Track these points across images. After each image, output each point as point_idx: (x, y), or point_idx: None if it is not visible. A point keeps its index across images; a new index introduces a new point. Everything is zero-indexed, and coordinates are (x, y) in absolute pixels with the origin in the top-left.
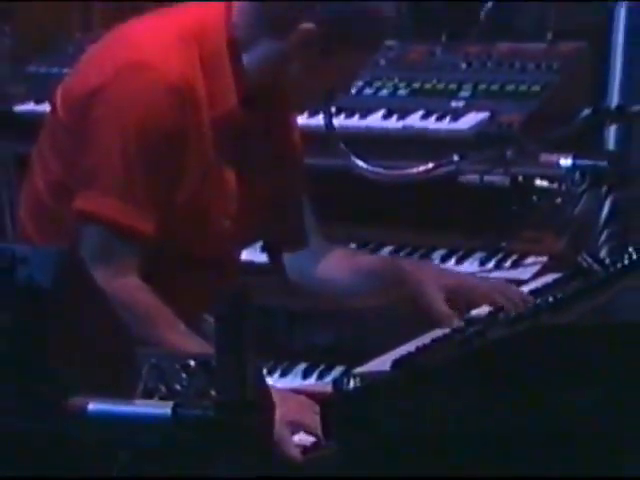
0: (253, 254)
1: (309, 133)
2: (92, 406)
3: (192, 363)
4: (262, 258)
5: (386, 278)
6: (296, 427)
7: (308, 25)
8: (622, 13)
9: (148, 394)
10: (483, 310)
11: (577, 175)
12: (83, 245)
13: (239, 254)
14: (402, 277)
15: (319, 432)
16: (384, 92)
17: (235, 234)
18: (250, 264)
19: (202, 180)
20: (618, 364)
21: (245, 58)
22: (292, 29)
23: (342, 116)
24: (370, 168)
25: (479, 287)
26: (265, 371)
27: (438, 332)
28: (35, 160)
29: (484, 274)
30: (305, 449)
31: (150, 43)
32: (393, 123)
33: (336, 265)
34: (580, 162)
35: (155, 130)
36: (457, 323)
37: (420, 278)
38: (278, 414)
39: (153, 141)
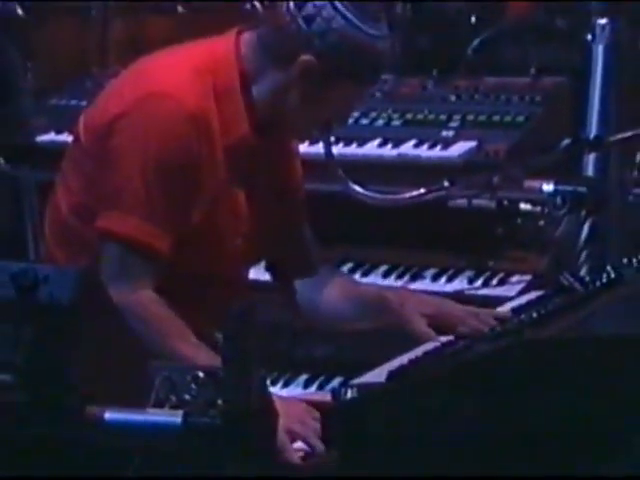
0: (258, 273)
1: (309, 161)
2: (108, 415)
3: (201, 375)
4: (266, 276)
5: (373, 306)
6: (296, 434)
7: (307, 57)
8: (600, 51)
9: (160, 404)
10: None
11: (558, 200)
12: (103, 261)
13: (247, 271)
14: (387, 306)
15: (317, 439)
16: (379, 122)
17: (247, 253)
18: (255, 282)
19: (215, 202)
20: (596, 375)
21: (254, 89)
22: (293, 61)
23: (340, 145)
24: (366, 193)
25: (455, 312)
26: (269, 381)
27: (429, 346)
28: (58, 184)
29: (472, 292)
30: (305, 455)
31: (167, 76)
32: (388, 151)
33: (337, 294)
34: (561, 188)
35: (173, 156)
36: (436, 341)
37: (402, 307)
38: (280, 421)
39: (171, 166)
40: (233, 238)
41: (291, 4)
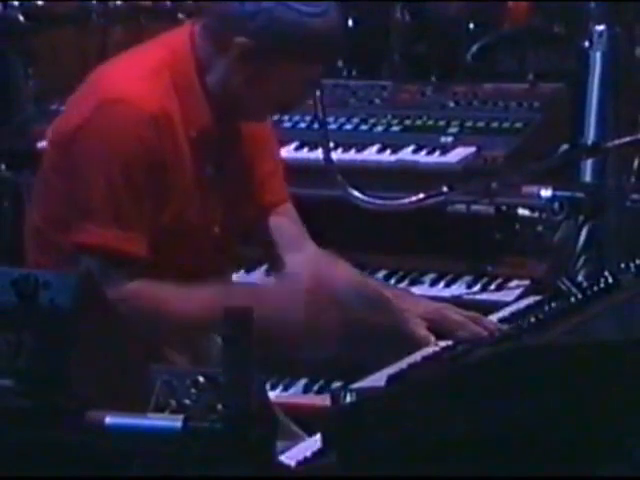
0: (258, 277)
1: (309, 166)
2: (109, 419)
3: (201, 379)
4: (267, 281)
5: (369, 299)
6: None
7: (241, 39)
8: (598, 57)
9: (160, 408)
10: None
11: (556, 205)
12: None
13: (230, 259)
14: (385, 304)
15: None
16: (378, 128)
17: (226, 240)
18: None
19: (187, 196)
20: (595, 380)
21: (208, 78)
22: (230, 44)
23: (339, 150)
24: (365, 198)
25: (455, 317)
26: (268, 386)
27: (428, 350)
28: (33, 195)
29: (471, 297)
30: (305, 459)
31: (122, 80)
32: (387, 157)
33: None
34: (559, 193)
35: (136, 160)
36: (435, 346)
37: (401, 307)
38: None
39: (136, 170)
40: (209, 228)
41: None
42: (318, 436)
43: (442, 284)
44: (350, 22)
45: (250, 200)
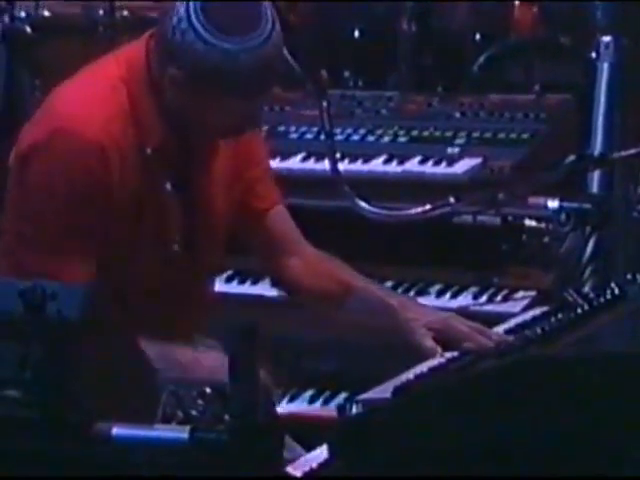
0: (263, 289)
1: (316, 177)
2: (116, 431)
3: (208, 390)
4: (272, 292)
5: (373, 307)
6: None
7: (172, 70)
8: (604, 68)
9: (167, 419)
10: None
11: (563, 216)
12: None
13: (206, 282)
14: (390, 312)
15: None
16: (385, 139)
17: (192, 258)
18: (260, 298)
19: (139, 216)
20: (601, 392)
21: (161, 95)
22: (165, 71)
23: (346, 161)
24: (372, 209)
25: (461, 327)
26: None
27: (434, 361)
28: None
29: (477, 307)
30: (311, 470)
31: (75, 104)
32: (393, 168)
33: (331, 277)
34: (566, 204)
35: (82, 189)
36: (441, 357)
37: (408, 316)
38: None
39: (81, 199)
40: (167, 245)
41: (169, 10)
42: (324, 447)
43: (448, 295)
44: (357, 33)
45: (223, 214)
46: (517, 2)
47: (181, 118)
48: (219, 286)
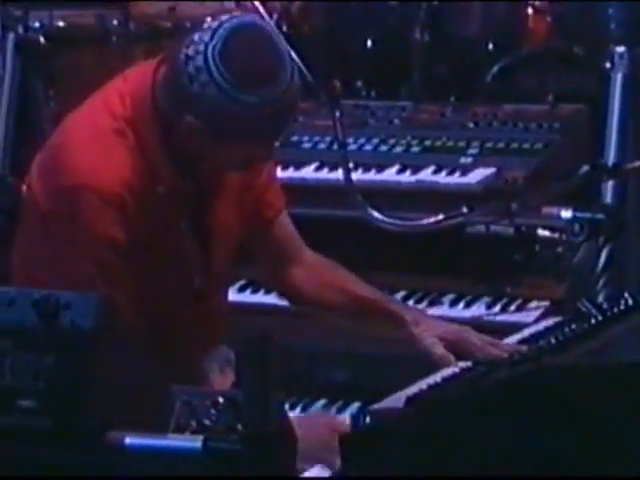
0: (276, 298)
1: (329, 187)
2: (129, 440)
3: (221, 400)
4: (285, 302)
5: (375, 315)
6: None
7: (189, 118)
8: (618, 78)
9: (180, 429)
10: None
11: (576, 226)
12: None
13: (225, 294)
14: (397, 322)
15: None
16: (398, 149)
17: (211, 282)
18: (273, 307)
19: (162, 254)
20: (614, 402)
21: (170, 135)
22: (180, 117)
23: (359, 171)
24: (385, 219)
25: (474, 339)
26: (287, 406)
27: (448, 371)
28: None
29: (490, 318)
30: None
31: (86, 157)
32: (406, 177)
33: (329, 282)
34: (579, 214)
35: (106, 247)
36: (454, 366)
37: (419, 329)
38: (313, 439)
39: (106, 256)
40: (190, 280)
41: (182, 53)
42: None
43: (461, 305)
44: (370, 43)
45: (237, 233)
46: (531, 12)
47: (191, 158)
48: (232, 296)
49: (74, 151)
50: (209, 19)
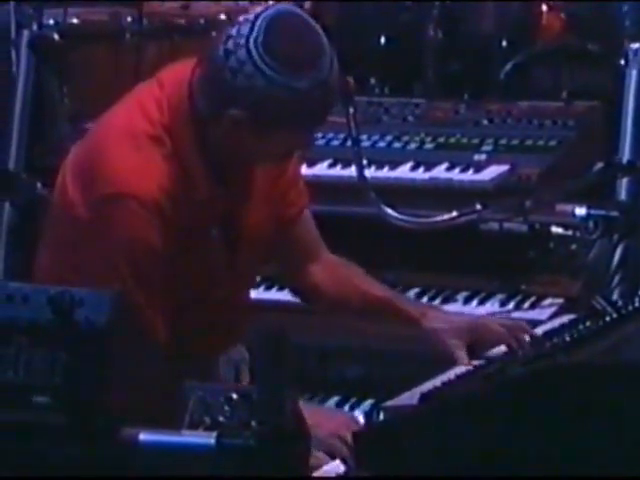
0: (289, 295)
1: (342, 184)
2: (143, 436)
3: (235, 396)
4: (294, 298)
5: (390, 314)
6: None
7: (235, 111)
8: (633, 75)
9: (194, 425)
10: (499, 350)
11: (591, 224)
12: None
13: (248, 292)
14: (412, 321)
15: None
16: (412, 146)
17: (237, 286)
18: (287, 304)
19: (193, 262)
20: (629, 400)
21: (206, 137)
22: (224, 112)
23: (373, 168)
24: (399, 216)
25: (493, 329)
26: (301, 403)
27: (462, 368)
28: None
29: (504, 315)
30: (338, 476)
31: (122, 163)
32: (420, 174)
33: (345, 280)
34: (594, 212)
35: (143, 252)
36: (470, 364)
37: (433, 326)
38: (327, 429)
39: (143, 261)
40: (213, 283)
41: (221, 49)
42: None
43: (475, 302)
44: (383, 40)
45: (266, 234)
46: (545, 9)
47: (226, 164)
48: None
49: (112, 157)
50: (222, 16)
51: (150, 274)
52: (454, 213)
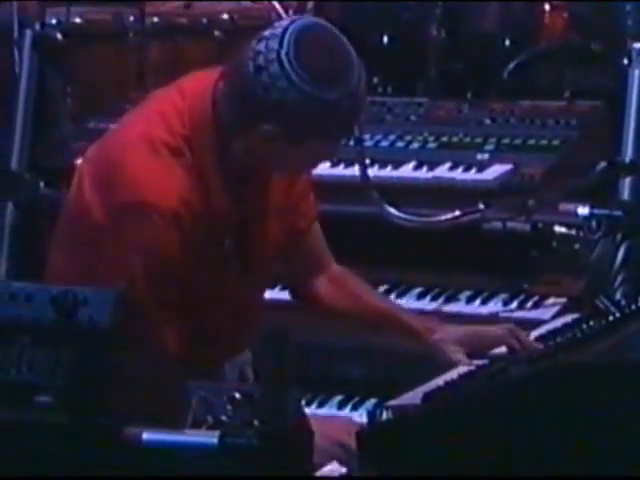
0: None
1: (345, 183)
2: (146, 435)
3: (237, 395)
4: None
5: (392, 327)
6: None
7: (267, 126)
8: (636, 74)
9: (197, 424)
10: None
11: (594, 223)
12: None
13: (258, 303)
14: (414, 334)
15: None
16: (415, 145)
17: (249, 293)
18: (290, 303)
19: (200, 270)
20: (632, 400)
21: (228, 150)
22: (255, 126)
23: (376, 167)
24: (401, 215)
25: (490, 333)
26: (304, 402)
27: (464, 368)
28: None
29: (507, 314)
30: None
31: (143, 171)
32: (423, 174)
33: (346, 290)
34: (596, 211)
35: (160, 264)
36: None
37: (435, 337)
38: (327, 437)
39: (159, 272)
40: (228, 298)
41: (250, 65)
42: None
43: (478, 301)
44: (386, 39)
45: (278, 246)
46: (547, 8)
47: (248, 168)
48: None
49: (133, 165)
50: (225, 15)
51: (164, 285)
52: (457, 212)
